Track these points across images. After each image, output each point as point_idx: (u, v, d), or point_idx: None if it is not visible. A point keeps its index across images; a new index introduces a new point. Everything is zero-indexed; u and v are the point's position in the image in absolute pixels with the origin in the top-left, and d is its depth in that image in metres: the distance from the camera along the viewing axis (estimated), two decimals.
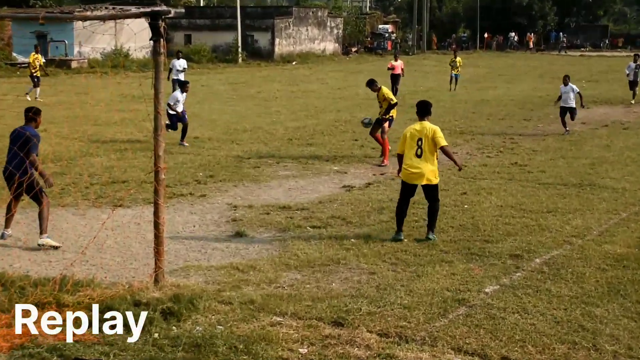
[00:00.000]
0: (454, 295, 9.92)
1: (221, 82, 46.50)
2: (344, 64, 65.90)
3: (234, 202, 15.34)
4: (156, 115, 10.06)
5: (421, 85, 44.63)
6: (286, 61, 65.83)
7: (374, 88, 20.24)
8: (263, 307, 9.42)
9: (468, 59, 66.56)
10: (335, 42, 77.28)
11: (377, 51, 79.59)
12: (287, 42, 69.24)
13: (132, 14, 11.09)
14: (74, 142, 21.63)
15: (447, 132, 24.97)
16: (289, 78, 50.55)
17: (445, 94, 39.56)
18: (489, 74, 54.79)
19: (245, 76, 51.52)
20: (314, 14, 74.52)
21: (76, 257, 11.20)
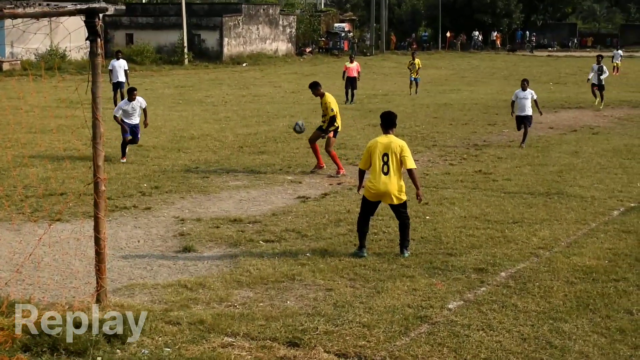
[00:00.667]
0: (416, 312, 10.03)
1: (166, 85, 46.41)
2: (297, 66, 66.09)
3: (181, 215, 15.36)
4: (94, 122, 10.07)
5: (380, 88, 44.96)
6: (236, 62, 65.82)
7: (317, 92, 19.77)
8: (213, 327, 9.47)
9: (429, 59, 67.26)
10: (288, 42, 77.43)
11: (333, 52, 79.84)
12: (236, 42, 69.21)
13: (67, 12, 11.05)
14: (6, 151, 21.44)
15: (407, 138, 25.28)
16: (239, 81, 50.58)
17: (405, 97, 39.93)
18: (451, 75, 55.36)
19: (192, 79, 51.46)
20: (265, 12, 74.59)
21: (11, 275, 11.14)
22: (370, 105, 35.70)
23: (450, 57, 78.41)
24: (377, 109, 33.89)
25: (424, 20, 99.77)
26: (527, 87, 24.80)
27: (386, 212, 15.32)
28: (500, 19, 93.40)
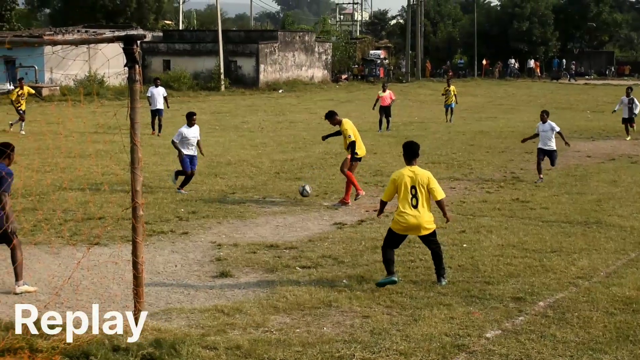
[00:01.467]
0: (453, 341, 9.96)
1: (203, 111, 46.54)
2: (333, 92, 66.22)
3: (218, 240, 15.40)
4: (133, 147, 10.14)
5: (416, 115, 44.92)
6: (272, 89, 66.05)
7: (334, 121, 19.55)
8: (250, 352, 9.45)
9: (465, 87, 67.11)
10: (324, 69, 77.68)
11: (368, 78, 79.90)
12: (272, 69, 69.51)
13: (105, 38, 11.15)
14: (45, 175, 21.66)
15: (444, 165, 25.27)
16: (275, 107, 50.77)
17: (442, 124, 39.86)
18: (487, 103, 55.20)
19: (228, 105, 51.72)
20: (301, 39, 74.90)
21: (50, 298, 11.23)
22: (406, 133, 35.65)
23: (486, 85, 78.22)
24: (413, 136, 33.89)
25: (460, 47, 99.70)
26: (547, 119, 22.86)
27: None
28: (536, 47, 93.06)
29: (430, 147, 30.25)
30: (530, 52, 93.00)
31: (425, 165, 25.39)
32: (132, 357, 8.98)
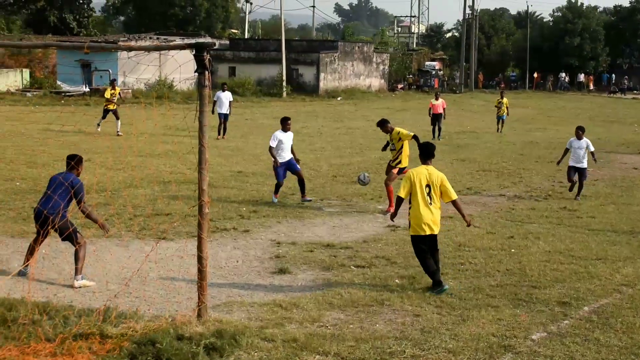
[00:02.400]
0: (500, 341, 9.92)
1: (265, 116, 46.86)
2: (389, 101, 66.10)
3: (277, 239, 15.49)
4: (200, 149, 10.24)
5: (468, 125, 44.67)
6: (331, 96, 66.10)
7: (386, 129, 19.03)
8: (306, 345, 9.50)
9: (517, 99, 66.51)
10: (381, 78, 77.57)
11: (423, 88, 79.61)
12: (332, 77, 69.58)
13: (177, 46, 11.28)
14: (117, 172, 21.96)
15: (494, 173, 25.13)
16: (333, 114, 50.83)
17: (493, 134, 39.58)
18: (538, 115, 54.68)
19: (289, 111, 51.82)
20: (360, 49, 74.88)
21: (120, 289, 11.39)
22: (458, 141, 35.50)
23: (537, 97, 77.48)
24: (465, 144, 33.82)
25: (512, 60, 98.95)
26: (582, 136, 21.18)
27: (472, 242, 15.27)
28: (586, 62, 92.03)
29: (482, 155, 30.11)
30: (580, 66, 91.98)
31: (477, 172, 25.40)
32: (195, 346, 9.07)
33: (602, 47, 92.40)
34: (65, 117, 38.11)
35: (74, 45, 14.74)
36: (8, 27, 77.01)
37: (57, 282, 12.15)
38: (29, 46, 50.06)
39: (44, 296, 11.02)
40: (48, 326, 9.59)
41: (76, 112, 42.86)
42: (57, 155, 25.48)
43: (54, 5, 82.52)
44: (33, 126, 34.82)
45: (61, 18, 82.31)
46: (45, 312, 10.01)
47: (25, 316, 9.82)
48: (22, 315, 9.83)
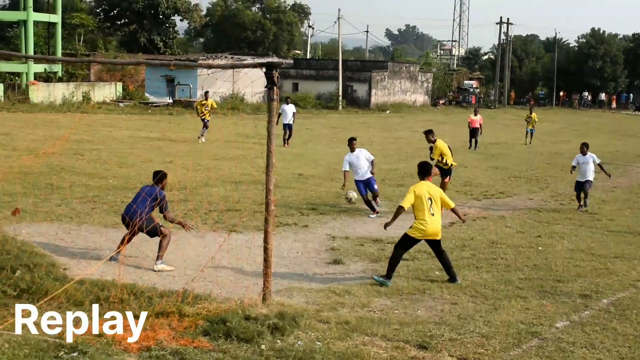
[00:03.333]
0: (528, 328, 9.80)
1: (323, 126, 46.90)
2: (432, 115, 65.68)
3: (332, 233, 15.47)
4: (268, 154, 10.26)
5: (501, 137, 44.17)
6: (381, 110, 65.94)
7: (430, 139, 18.73)
8: (356, 327, 9.48)
9: (545, 114, 65.65)
10: (425, 95, 77.15)
11: (462, 104, 78.99)
12: (382, 93, 69.40)
13: (250, 65, 11.32)
14: (196, 173, 22.12)
15: (524, 179, 24.84)
16: (383, 125, 50.65)
17: (523, 145, 39.06)
18: (563, 129, 53.85)
19: (344, 122, 51.84)
20: (407, 69, 74.59)
21: (196, 274, 11.48)
22: (492, 151, 35.12)
23: (562, 113, 76.35)
24: (498, 154, 33.46)
25: (541, 80, 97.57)
26: (587, 151, 19.97)
27: (504, 240, 15.09)
28: (607, 82, 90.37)
29: (513, 164, 29.75)
30: (601, 86, 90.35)
31: (508, 179, 25.11)
32: (260, 326, 9.09)
33: (622, 70, 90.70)
34: (152, 125, 38.57)
35: (161, 63, 14.91)
36: (105, 46, 78.18)
37: (143, 266, 12.28)
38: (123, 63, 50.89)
39: (132, 279, 11.14)
40: (134, 305, 9.68)
41: (161, 120, 43.41)
42: (144, 157, 25.82)
43: (144, 28, 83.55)
44: (124, 132, 35.30)
45: (150, 39, 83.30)
46: (132, 293, 10.13)
47: (116, 295, 9.93)
48: (112, 295, 9.95)
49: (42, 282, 10.41)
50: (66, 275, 11.13)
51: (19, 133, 31.72)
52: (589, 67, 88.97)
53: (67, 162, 23.41)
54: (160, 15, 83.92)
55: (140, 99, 57.03)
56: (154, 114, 48.98)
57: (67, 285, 9.90)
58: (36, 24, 60.43)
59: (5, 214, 14.78)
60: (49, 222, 15.15)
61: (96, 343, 8.21)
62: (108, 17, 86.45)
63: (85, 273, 11.11)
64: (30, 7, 56.34)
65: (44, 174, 20.63)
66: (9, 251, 11.99)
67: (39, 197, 17.36)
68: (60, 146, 24.83)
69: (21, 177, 19.81)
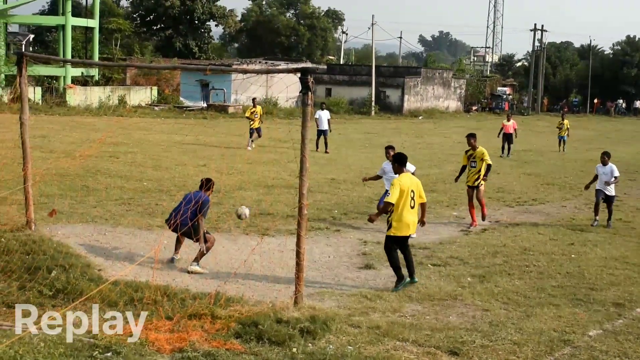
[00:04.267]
0: (560, 336, 9.69)
1: (356, 131, 46.84)
2: (465, 121, 65.34)
3: (364, 238, 15.44)
4: (302, 158, 10.26)
5: (534, 143, 43.80)
6: (413, 115, 65.79)
7: (472, 142, 17.56)
8: (388, 332, 9.44)
9: (578, 122, 65.14)
10: (457, 101, 76.85)
11: (495, 110, 78.54)
12: (415, 99, 69.25)
13: (286, 70, 11.35)
14: (229, 177, 22.20)
15: (557, 187, 24.60)
16: (415, 131, 50.50)
17: (556, 152, 38.70)
18: (597, 136, 53.30)
19: (377, 127, 51.75)
20: (440, 75, 74.38)
21: (229, 277, 11.51)
22: (525, 157, 34.83)
23: (596, 120, 75.58)
24: (531, 160, 33.19)
25: (575, 87, 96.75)
26: (607, 161, 18.53)
27: (537, 247, 14.94)
28: None
29: (546, 171, 29.48)
30: (636, 94, 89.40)
31: (541, 186, 24.88)
32: (291, 329, 9.09)
33: None
34: (187, 129, 38.77)
35: (197, 68, 15.07)
36: (141, 51, 78.79)
37: (176, 269, 12.33)
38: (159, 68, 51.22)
39: (165, 281, 11.18)
40: (167, 306, 9.74)
41: (195, 124, 43.60)
42: (178, 160, 25.97)
43: (180, 33, 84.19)
44: (159, 135, 35.54)
45: (185, 44, 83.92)
46: (166, 294, 10.19)
47: (149, 297, 10.00)
48: (146, 296, 10.02)
49: (77, 283, 10.51)
50: (101, 276, 11.21)
51: (56, 135, 32.07)
52: (623, 75, 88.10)
53: (102, 164, 23.61)
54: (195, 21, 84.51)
55: (175, 102, 57.42)
56: (188, 117, 49.23)
57: (101, 286, 9.98)
58: (74, 29, 61.07)
59: (42, 215, 14.94)
60: (85, 224, 15.30)
61: (129, 344, 8.26)
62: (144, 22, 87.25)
63: (120, 274, 11.20)
64: (69, 12, 56.99)
65: (80, 176, 20.83)
66: (45, 252, 12.14)
67: (75, 199, 17.53)
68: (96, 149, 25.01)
69: (58, 179, 20.01)
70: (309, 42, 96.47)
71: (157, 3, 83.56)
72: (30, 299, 9.88)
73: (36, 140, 25.33)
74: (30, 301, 9.79)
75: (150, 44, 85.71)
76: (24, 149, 14.02)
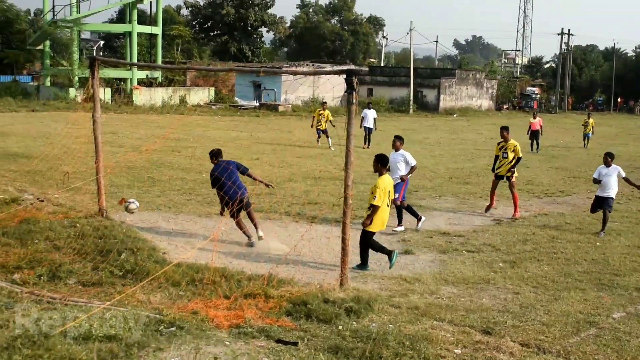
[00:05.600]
0: (586, 318, 9.56)
1: (395, 128, 46.56)
2: (496, 118, 64.63)
3: (403, 226, 15.36)
4: (347, 152, 10.25)
5: (561, 140, 43.20)
6: (448, 113, 65.34)
7: (505, 135, 17.13)
8: (426, 313, 9.41)
9: (603, 119, 64.07)
10: (489, 100, 76.05)
11: (524, 109, 77.64)
12: (450, 98, 68.72)
13: (332, 72, 11.30)
14: (280, 169, 22.29)
15: (583, 180, 24.23)
16: (450, 128, 50.13)
17: (582, 148, 38.13)
18: (620, 133, 52.37)
19: (414, 124, 51.50)
20: (474, 76, 73.68)
21: (280, 260, 11.57)
22: (553, 153, 34.38)
23: (620, 118, 74.24)
24: (558, 155, 32.74)
25: (600, 87, 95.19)
26: (611, 162, 15.92)
27: (564, 236, 14.75)
28: None
29: (572, 165, 29.07)
30: None
31: (568, 179, 24.54)
32: (337, 308, 9.11)
33: None
34: (241, 126, 39.00)
35: (251, 70, 15.10)
36: (200, 55, 79.42)
37: (232, 252, 12.42)
38: (216, 70, 51.58)
39: (222, 263, 11.27)
40: (225, 286, 9.83)
41: (249, 122, 43.84)
42: (234, 154, 26.04)
43: (234, 38, 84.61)
44: (216, 132, 35.80)
45: (240, 48, 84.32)
46: (223, 276, 10.27)
47: (209, 278, 10.09)
48: (206, 277, 10.11)
49: (144, 264, 10.66)
50: (165, 259, 11.35)
51: (124, 132, 32.50)
52: None
53: (166, 158, 23.88)
54: (249, 27, 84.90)
55: (231, 102, 57.75)
56: (242, 115, 49.50)
57: (166, 267, 10.11)
58: (140, 35, 61.75)
59: (112, 204, 15.16)
60: (150, 211, 15.50)
61: (192, 320, 8.37)
62: (203, 29, 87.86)
63: (182, 257, 11.33)
64: (135, 21, 57.63)
65: (146, 168, 21.10)
66: (115, 236, 12.33)
67: (141, 189, 17.77)
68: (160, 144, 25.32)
69: (126, 171, 20.30)
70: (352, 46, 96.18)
71: (214, 11, 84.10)
72: (103, 278, 10.06)
73: (107, 136, 25.68)
74: (103, 280, 9.98)
75: (207, 49, 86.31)
76: (96, 144, 14.23)
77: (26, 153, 23.05)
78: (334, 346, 7.90)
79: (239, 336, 8.12)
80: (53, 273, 10.12)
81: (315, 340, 8.14)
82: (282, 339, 8.09)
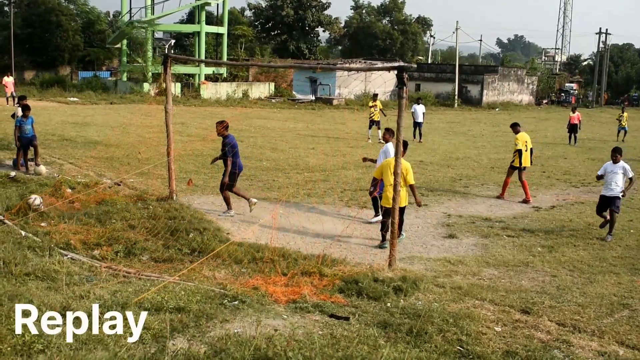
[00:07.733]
0: (620, 300, 9.34)
1: (441, 121, 46.18)
2: (536, 113, 63.42)
3: (448, 212, 15.24)
4: (397, 143, 10.20)
5: (597, 132, 42.17)
6: (491, 108, 64.30)
7: (516, 130, 17.17)
8: (468, 292, 9.32)
9: (638, 113, 62.27)
10: (530, 95, 74.58)
11: (563, 104, 75.98)
12: (492, 93, 67.63)
13: (384, 68, 11.23)
14: (334, 158, 22.28)
15: None
16: (492, 121, 49.36)
17: (616, 142, 37.12)
18: None
19: (459, 118, 50.87)
20: (515, 73, 72.31)
21: (333, 241, 11.58)
22: (589, 145, 33.59)
23: None
24: (595, 147, 31.99)
25: (635, 84, 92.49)
26: (619, 159, 14.16)
27: (599, 223, 14.39)
28: None
29: (607, 157, 27.78)
30: None
31: None
32: (386, 287, 9.08)
33: None
34: (298, 118, 39.06)
35: (310, 66, 15.13)
36: (261, 52, 79.71)
37: (290, 233, 12.43)
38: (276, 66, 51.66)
39: (281, 244, 11.33)
40: (283, 264, 9.88)
41: (305, 114, 43.87)
42: (292, 144, 26.18)
43: (293, 37, 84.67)
44: (275, 123, 35.93)
45: (298, 47, 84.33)
46: (282, 255, 10.33)
47: (268, 256, 10.17)
48: (266, 256, 10.19)
49: (209, 243, 10.78)
50: (229, 238, 11.46)
51: (192, 123, 32.86)
52: None
53: None
54: (306, 27, 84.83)
55: (289, 96, 57.84)
56: (299, 108, 49.55)
57: (228, 244, 10.21)
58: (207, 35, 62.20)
59: (181, 188, 15.37)
60: (216, 195, 15.63)
61: (253, 294, 8.44)
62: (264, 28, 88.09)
63: (244, 237, 11.43)
64: (203, 21, 58.06)
65: (212, 156, 21.20)
66: (184, 217, 12.50)
67: (207, 175, 17.95)
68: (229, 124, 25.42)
69: (193, 158, 20.53)
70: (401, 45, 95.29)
71: (275, 12, 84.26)
72: (173, 255, 10.22)
73: (176, 126, 25.99)
74: (173, 257, 10.13)
75: (268, 47, 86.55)
76: (168, 132, 14.42)
77: (105, 141, 23.49)
78: (382, 321, 7.88)
79: (296, 310, 8.17)
80: (128, 250, 10.32)
81: (366, 315, 8.14)
82: (335, 314, 8.11)
